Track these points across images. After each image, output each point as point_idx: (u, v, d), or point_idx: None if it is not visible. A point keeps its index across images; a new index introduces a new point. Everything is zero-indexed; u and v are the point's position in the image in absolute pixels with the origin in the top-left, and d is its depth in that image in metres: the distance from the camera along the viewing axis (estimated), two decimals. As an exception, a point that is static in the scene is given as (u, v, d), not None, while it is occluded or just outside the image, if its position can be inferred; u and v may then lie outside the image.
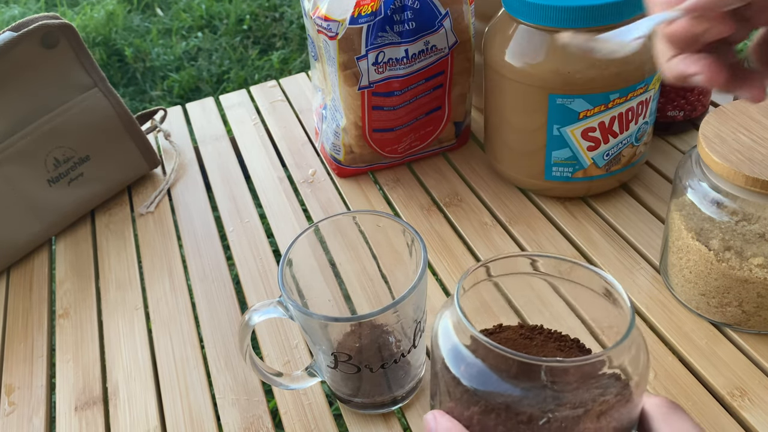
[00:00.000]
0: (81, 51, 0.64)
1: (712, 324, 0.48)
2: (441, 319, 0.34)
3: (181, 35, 2.07)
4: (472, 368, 0.31)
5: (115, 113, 0.66)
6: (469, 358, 0.31)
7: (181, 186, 0.71)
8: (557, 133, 0.55)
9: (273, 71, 1.86)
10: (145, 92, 1.87)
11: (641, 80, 0.53)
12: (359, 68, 0.58)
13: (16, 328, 0.57)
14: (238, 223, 0.64)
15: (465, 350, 0.32)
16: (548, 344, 0.36)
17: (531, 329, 0.36)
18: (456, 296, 0.33)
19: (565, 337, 0.36)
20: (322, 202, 0.65)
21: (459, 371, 0.31)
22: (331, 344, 0.43)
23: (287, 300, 0.40)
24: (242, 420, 0.47)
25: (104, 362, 0.53)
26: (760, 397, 0.43)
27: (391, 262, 0.47)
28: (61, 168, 0.64)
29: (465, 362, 0.31)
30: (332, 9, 0.57)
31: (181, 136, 0.79)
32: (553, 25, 0.51)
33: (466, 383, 0.31)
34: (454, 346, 0.32)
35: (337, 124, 0.64)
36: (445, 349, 0.32)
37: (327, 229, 0.45)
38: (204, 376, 0.50)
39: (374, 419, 0.46)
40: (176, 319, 0.55)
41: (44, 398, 0.51)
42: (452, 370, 0.32)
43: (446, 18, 0.58)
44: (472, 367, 0.31)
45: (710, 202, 0.44)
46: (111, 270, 0.61)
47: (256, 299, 0.56)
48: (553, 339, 0.36)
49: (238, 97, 0.85)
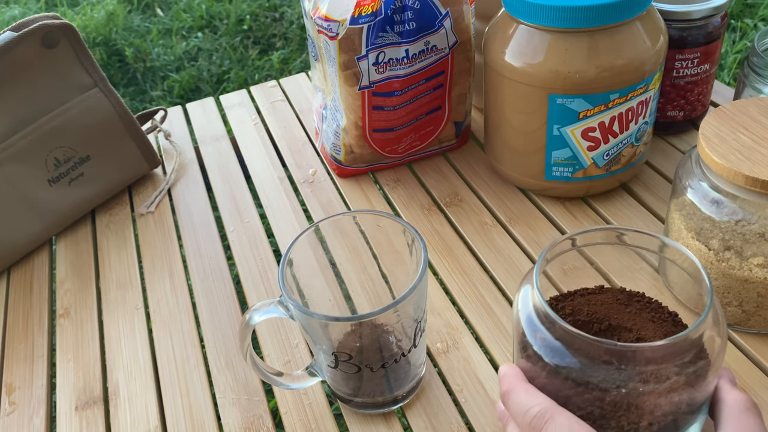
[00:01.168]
0: (81, 51, 0.64)
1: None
2: (524, 283, 0.36)
3: (182, 35, 2.08)
4: (544, 340, 0.33)
5: (115, 113, 0.67)
6: (541, 330, 0.34)
7: (181, 186, 0.71)
8: (557, 133, 0.55)
9: (273, 71, 1.86)
10: (146, 92, 1.87)
11: (641, 80, 0.53)
12: (359, 68, 0.58)
13: (17, 328, 0.57)
14: (239, 223, 0.64)
15: (538, 321, 0.34)
16: (642, 314, 0.36)
17: (630, 296, 0.37)
18: (537, 265, 0.35)
19: (663, 309, 0.36)
20: (322, 202, 0.66)
21: (533, 338, 0.34)
22: (331, 344, 0.43)
23: (288, 300, 0.40)
24: (243, 419, 0.47)
25: (105, 362, 0.53)
26: (761, 397, 0.44)
27: (391, 261, 0.47)
28: (61, 168, 0.64)
29: (538, 332, 0.34)
30: (332, 9, 0.57)
31: (182, 136, 0.79)
32: (553, 25, 0.51)
33: (539, 351, 0.33)
34: (529, 315, 0.34)
35: (337, 124, 0.64)
36: (523, 315, 0.35)
37: (327, 228, 0.45)
38: (204, 376, 0.50)
39: (375, 419, 0.46)
40: (177, 318, 0.55)
41: (45, 398, 0.51)
42: (527, 335, 0.34)
43: (446, 18, 0.58)
44: (544, 339, 0.33)
45: (710, 202, 0.44)
46: (111, 270, 0.61)
47: (256, 299, 0.56)
48: (650, 309, 0.36)
49: (239, 97, 0.85)
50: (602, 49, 0.51)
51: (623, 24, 0.51)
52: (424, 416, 0.45)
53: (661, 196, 0.60)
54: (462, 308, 0.53)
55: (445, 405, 0.46)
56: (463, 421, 0.45)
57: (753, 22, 1.75)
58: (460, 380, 0.47)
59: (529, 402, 0.33)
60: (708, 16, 0.60)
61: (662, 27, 0.55)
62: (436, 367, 0.48)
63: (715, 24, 0.61)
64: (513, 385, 0.35)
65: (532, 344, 0.34)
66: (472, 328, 0.51)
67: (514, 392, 0.34)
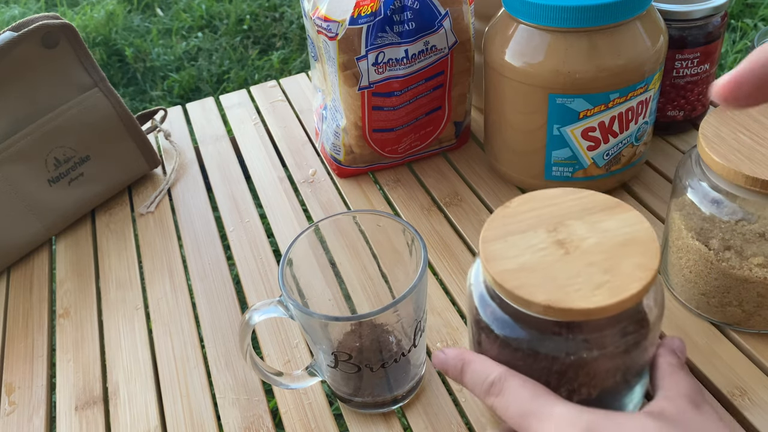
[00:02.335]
0: (81, 51, 0.64)
1: (713, 324, 0.48)
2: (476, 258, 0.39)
3: (182, 35, 2.08)
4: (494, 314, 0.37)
5: (115, 113, 0.67)
6: (491, 305, 0.37)
7: (181, 186, 0.71)
8: (557, 132, 0.55)
9: (273, 71, 1.86)
10: (146, 92, 1.87)
11: (641, 80, 0.53)
12: (359, 69, 0.58)
13: (17, 328, 0.57)
14: (239, 223, 0.64)
15: (488, 297, 0.37)
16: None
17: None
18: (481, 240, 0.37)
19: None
20: (322, 202, 0.66)
21: (485, 314, 0.37)
22: (331, 344, 0.43)
23: (287, 299, 0.40)
24: (243, 419, 0.47)
25: (104, 362, 0.53)
26: (760, 396, 0.44)
27: (391, 261, 0.47)
28: (61, 168, 0.64)
29: (488, 306, 0.37)
30: (332, 9, 0.57)
31: (182, 136, 0.79)
32: (553, 24, 0.51)
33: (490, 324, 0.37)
34: (480, 290, 0.38)
35: (337, 124, 0.64)
36: (476, 290, 0.38)
37: (327, 228, 0.45)
38: (204, 376, 0.50)
39: (374, 419, 0.46)
40: (176, 318, 0.55)
41: (44, 398, 0.51)
42: (479, 310, 0.38)
43: (446, 18, 0.58)
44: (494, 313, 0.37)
45: (710, 202, 0.44)
46: (111, 270, 0.61)
47: (256, 299, 0.56)
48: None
49: (239, 97, 0.85)
50: (602, 48, 0.51)
51: (623, 24, 0.51)
52: (424, 416, 0.45)
53: (661, 195, 0.60)
54: (462, 308, 0.53)
55: (445, 405, 0.46)
56: (463, 421, 0.45)
57: (753, 22, 1.75)
58: (460, 380, 0.47)
59: (486, 371, 0.36)
60: (708, 15, 0.60)
61: (662, 27, 0.55)
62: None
63: (715, 24, 0.61)
64: (468, 358, 0.37)
65: (483, 318, 0.37)
66: (472, 328, 0.51)
67: (471, 364, 0.37)
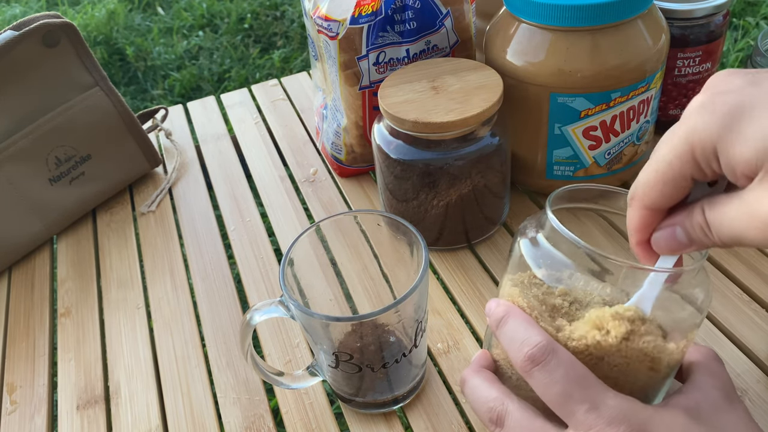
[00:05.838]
0: (82, 50, 0.64)
1: (712, 323, 0.48)
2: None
3: (182, 34, 2.07)
4: (395, 145, 0.52)
5: (116, 112, 0.67)
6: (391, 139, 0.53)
7: (182, 185, 0.71)
8: (558, 131, 0.55)
9: (274, 70, 1.86)
10: (147, 91, 1.87)
11: (642, 79, 0.53)
12: (360, 68, 0.58)
13: (18, 327, 0.57)
14: (240, 222, 0.64)
15: (389, 135, 0.53)
16: None
17: None
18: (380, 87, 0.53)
19: None
20: (323, 202, 0.65)
21: (389, 149, 0.53)
22: (332, 344, 0.43)
23: (288, 299, 0.40)
24: (243, 419, 0.47)
25: (106, 361, 0.53)
26: (761, 396, 0.43)
27: (392, 261, 0.47)
28: (62, 167, 0.64)
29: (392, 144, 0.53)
30: (333, 9, 0.57)
31: (183, 135, 0.79)
32: (554, 23, 0.51)
33: (393, 155, 0.52)
34: (383, 135, 0.54)
35: (338, 123, 0.64)
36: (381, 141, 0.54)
37: (328, 228, 0.45)
38: (205, 375, 0.50)
39: (375, 418, 0.46)
40: (177, 318, 0.55)
41: (46, 397, 0.51)
42: (384, 149, 0.53)
43: (447, 17, 0.58)
44: (394, 143, 0.52)
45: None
46: (112, 269, 0.61)
47: (257, 298, 0.56)
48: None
49: (240, 96, 0.85)
50: (604, 47, 0.51)
51: (625, 22, 0.51)
52: (425, 416, 0.45)
53: (662, 195, 0.60)
54: (463, 308, 0.53)
55: (446, 405, 0.46)
56: (463, 420, 0.45)
57: (755, 21, 1.75)
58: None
59: (530, 331, 0.33)
60: (710, 14, 0.59)
61: (664, 25, 0.54)
62: (437, 367, 0.48)
63: (716, 22, 0.60)
64: (513, 312, 0.35)
65: (386, 151, 0.53)
66: (473, 329, 0.51)
67: (514, 318, 0.34)
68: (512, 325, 0.34)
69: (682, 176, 0.30)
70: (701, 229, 0.31)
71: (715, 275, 0.52)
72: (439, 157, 0.51)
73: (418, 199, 0.54)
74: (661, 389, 0.36)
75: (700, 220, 0.31)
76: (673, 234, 0.32)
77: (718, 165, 0.29)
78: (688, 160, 0.30)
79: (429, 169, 0.51)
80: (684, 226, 0.32)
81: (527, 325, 0.34)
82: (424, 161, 0.51)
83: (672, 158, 0.30)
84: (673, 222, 0.32)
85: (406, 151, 0.52)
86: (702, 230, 0.31)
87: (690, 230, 0.31)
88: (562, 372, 0.32)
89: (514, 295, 0.36)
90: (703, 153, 0.29)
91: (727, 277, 0.52)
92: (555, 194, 0.37)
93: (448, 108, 0.50)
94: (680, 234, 0.32)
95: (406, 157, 0.52)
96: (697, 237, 0.31)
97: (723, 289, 0.51)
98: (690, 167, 0.30)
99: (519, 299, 0.36)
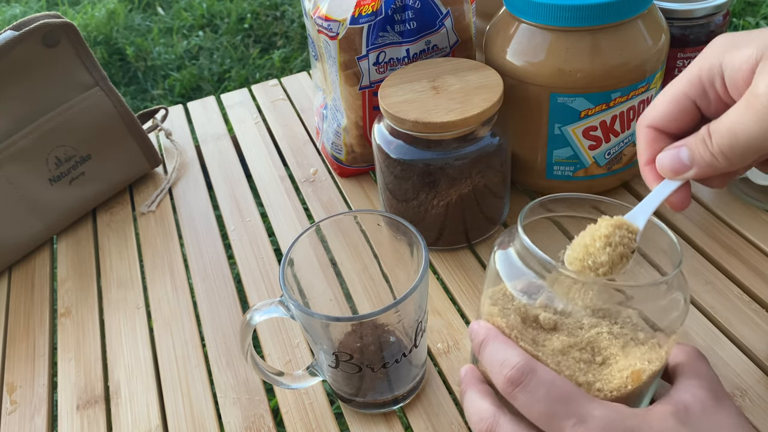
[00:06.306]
0: (82, 50, 0.64)
1: (713, 323, 0.48)
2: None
3: (183, 34, 2.07)
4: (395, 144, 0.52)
5: (116, 112, 0.67)
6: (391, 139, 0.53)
7: (182, 185, 0.71)
8: (558, 131, 0.55)
9: (274, 70, 1.86)
10: (147, 91, 1.87)
11: (643, 79, 0.53)
12: (360, 68, 0.58)
13: (18, 327, 0.57)
14: (240, 222, 0.64)
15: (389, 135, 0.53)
16: None
17: None
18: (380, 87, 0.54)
19: None
20: (323, 202, 0.65)
21: (390, 149, 0.53)
22: (332, 344, 0.43)
23: (288, 299, 0.40)
24: (243, 419, 0.47)
25: (106, 361, 0.53)
26: (761, 396, 0.43)
27: (392, 261, 0.47)
28: (62, 167, 0.64)
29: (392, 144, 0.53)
30: (333, 9, 0.57)
31: (183, 135, 0.79)
32: (554, 23, 0.51)
33: (393, 155, 0.52)
34: (383, 135, 0.54)
35: (338, 123, 0.64)
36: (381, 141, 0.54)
37: (328, 228, 0.45)
38: (205, 375, 0.50)
39: (375, 418, 0.46)
40: (178, 318, 0.55)
41: (46, 397, 0.51)
42: (384, 149, 0.53)
43: (447, 17, 0.58)
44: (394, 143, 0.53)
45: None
46: (112, 269, 0.61)
47: (257, 298, 0.56)
48: None
49: (240, 96, 0.85)
50: (604, 47, 0.51)
51: (625, 22, 0.51)
52: (425, 416, 0.45)
53: (662, 195, 0.60)
54: (463, 308, 0.53)
55: (446, 405, 0.46)
56: (463, 421, 0.45)
57: (755, 21, 1.75)
58: (461, 380, 0.47)
59: (508, 353, 0.34)
60: (710, 14, 0.59)
61: (664, 25, 0.54)
62: (437, 367, 0.48)
63: (716, 22, 0.60)
64: (492, 335, 0.35)
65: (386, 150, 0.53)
66: (473, 328, 0.51)
67: (493, 341, 0.35)
68: (491, 348, 0.35)
69: (684, 95, 0.33)
70: (703, 142, 0.32)
71: (715, 275, 0.52)
72: (439, 157, 0.51)
73: (418, 199, 0.54)
74: (647, 393, 0.36)
75: (704, 132, 0.33)
76: (677, 154, 0.34)
77: (721, 83, 0.32)
78: (694, 81, 0.33)
79: (429, 169, 0.51)
80: (689, 143, 0.33)
81: (505, 347, 0.34)
82: (424, 161, 0.51)
83: (678, 81, 0.34)
84: (680, 144, 0.34)
85: (406, 151, 0.52)
86: (703, 142, 0.32)
87: (693, 147, 0.33)
88: (544, 391, 0.32)
89: (493, 314, 0.36)
90: (709, 72, 0.32)
91: (727, 277, 0.52)
92: (529, 207, 0.38)
93: (449, 108, 0.50)
94: (684, 153, 0.33)
95: (406, 157, 0.52)
96: (698, 152, 0.33)
97: (723, 289, 0.51)
98: (694, 88, 0.33)
99: (498, 319, 0.36)
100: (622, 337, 0.35)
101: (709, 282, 0.51)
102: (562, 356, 0.35)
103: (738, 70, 0.31)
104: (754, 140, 0.30)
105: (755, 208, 0.57)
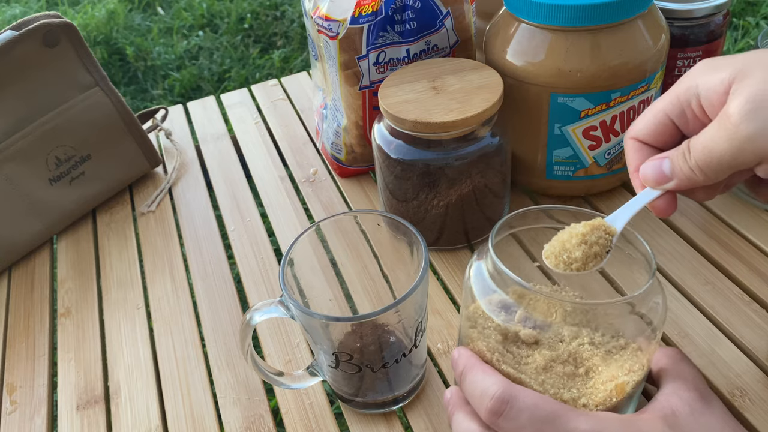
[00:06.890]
0: (82, 50, 0.64)
1: (713, 323, 0.48)
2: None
3: (182, 34, 2.07)
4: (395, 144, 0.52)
5: (116, 112, 0.67)
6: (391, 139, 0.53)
7: (182, 185, 0.71)
8: (558, 131, 0.55)
9: (274, 70, 1.86)
10: (146, 91, 1.87)
11: (643, 79, 0.53)
12: (360, 68, 0.58)
13: (18, 327, 0.57)
14: (240, 222, 0.64)
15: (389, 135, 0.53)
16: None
17: None
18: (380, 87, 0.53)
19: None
20: (323, 202, 0.65)
21: (389, 149, 0.52)
22: (332, 344, 0.43)
23: (288, 299, 0.40)
24: (243, 419, 0.47)
25: (106, 361, 0.53)
26: (761, 397, 0.43)
27: (392, 261, 0.47)
28: (62, 167, 0.64)
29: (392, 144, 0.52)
30: (333, 9, 0.57)
31: (183, 135, 0.79)
32: (554, 23, 0.51)
33: (393, 155, 0.52)
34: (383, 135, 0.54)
35: (338, 123, 0.64)
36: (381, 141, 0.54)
37: (328, 228, 0.45)
38: (205, 375, 0.50)
39: (375, 419, 0.46)
40: (177, 318, 0.55)
41: (46, 397, 0.51)
42: (384, 149, 0.53)
43: (447, 17, 0.58)
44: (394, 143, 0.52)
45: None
46: (112, 269, 0.61)
47: (257, 298, 0.56)
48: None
49: (239, 96, 0.85)
50: (604, 47, 0.51)
51: (625, 22, 0.51)
52: (425, 416, 0.45)
53: (662, 195, 0.60)
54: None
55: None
56: (464, 420, 0.45)
57: (755, 20, 1.75)
58: (461, 380, 0.47)
59: (486, 382, 0.34)
60: (710, 14, 0.59)
61: (664, 25, 0.54)
62: (437, 367, 0.48)
63: (717, 22, 0.60)
64: (470, 365, 0.35)
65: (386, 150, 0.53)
66: (473, 328, 0.51)
67: (471, 372, 0.35)
68: (470, 378, 0.35)
69: (663, 113, 0.36)
70: (683, 156, 0.35)
71: (716, 275, 0.52)
72: (439, 157, 0.51)
73: (418, 199, 0.54)
74: (632, 400, 0.36)
75: (684, 147, 0.35)
76: (659, 165, 0.36)
77: (697, 103, 0.34)
78: (673, 100, 0.36)
79: (429, 169, 0.51)
80: (671, 156, 0.36)
81: (483, 376, 0.34)
82: (424, 161, 0.51)
83: (660, 99, 0.37)
84: (663, 155, 0.36)
85: (406, 151, 0.52)
86: (683, 156, 0.35)
87: (674, 159, 0.35)
88: (527, 415, 0.32)
89: (473, 338, 0.37)
90: (686, 92, 0.35)
91: (727, 277, 0.52)
92: (501, 222, 0.39)
93: (449, 108, 0.50)
94: (666, 165, 0.36)
95: (406, 157, 0.52)
96: (678, 166, 0.35)
97: (723, 289, 0.51)
98: (672, 107, 0.36)
99: (478, 342, 0.36)
100: (603, 345, 0.36)
101: (709, 282, 0.51)
102: (546, 374, 0.35)
103: (714, 92, 0.33)
104: (726, 157, 0.32)
105: (755, 208, 0.57)
